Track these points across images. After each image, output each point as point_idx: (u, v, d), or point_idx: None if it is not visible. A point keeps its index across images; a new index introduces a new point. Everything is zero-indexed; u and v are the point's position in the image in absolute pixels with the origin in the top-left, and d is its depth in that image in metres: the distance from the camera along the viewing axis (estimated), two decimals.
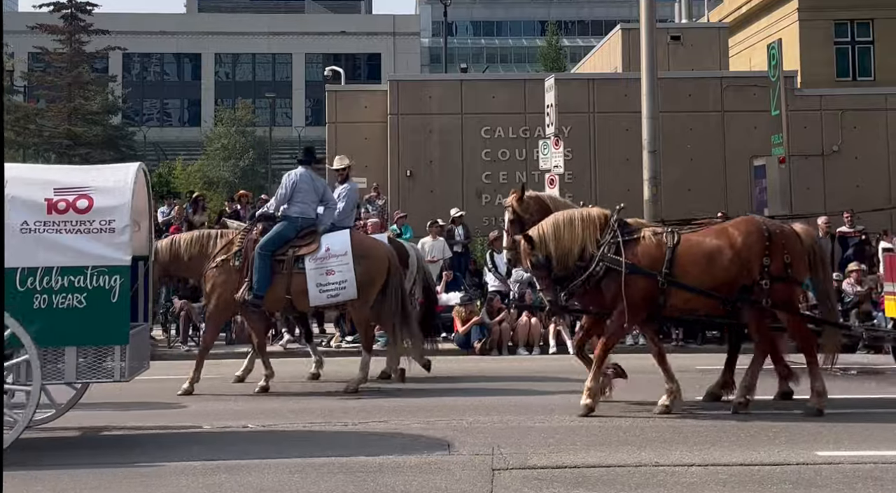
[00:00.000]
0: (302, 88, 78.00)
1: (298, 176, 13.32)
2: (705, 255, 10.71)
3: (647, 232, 10.92)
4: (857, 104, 26.50)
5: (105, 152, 56.06)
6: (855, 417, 10.40)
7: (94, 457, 8.92)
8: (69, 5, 58.12)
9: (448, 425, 10.14)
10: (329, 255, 12.71)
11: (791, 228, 11.13)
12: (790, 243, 10.81)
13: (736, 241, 10.72)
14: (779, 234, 10.81)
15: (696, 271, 10.66)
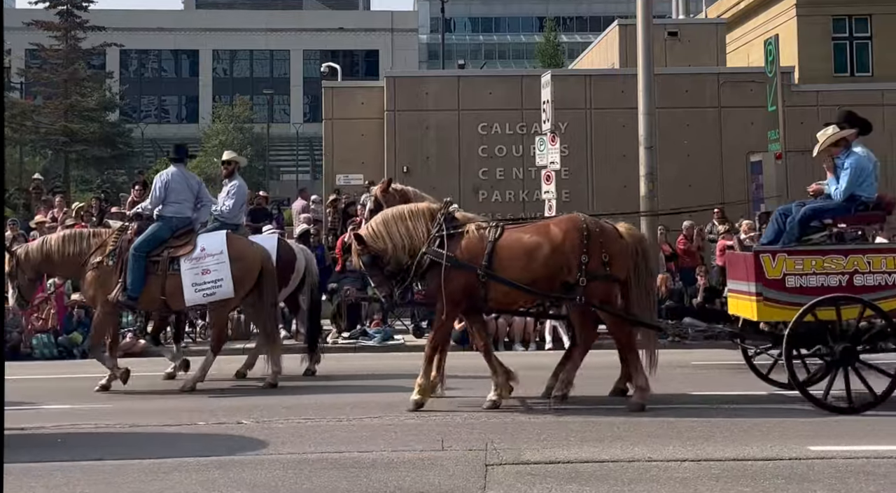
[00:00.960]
0: (300, 84, 78.00)
1: (170, 176, 13.30)
2: (525, 250, 10.89)
3: (472, 226, 11.10)
4: (855, 100, 26.36)
5: (102, 149, 56.11)
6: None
7: (85, 453, 8.91)
8: (65, 2, 58.08)
9: (442, 420, 10.15)
10: (204, 254, 12.75)
11: (612, 227, 11.23)
12: (609, 242, 10.94)
13: (555, 238, 10.89)
14: (598, 232, 10.93)
15: (516, 266, 10.85)
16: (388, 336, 18.45)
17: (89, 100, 57.44)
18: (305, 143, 67.96)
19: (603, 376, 11.70)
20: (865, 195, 11.16)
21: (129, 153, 60.05)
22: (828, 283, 10.60)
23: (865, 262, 10.63)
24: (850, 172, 11.07)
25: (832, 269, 10.62)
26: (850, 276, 10.60)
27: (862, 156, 11.34)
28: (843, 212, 11.23)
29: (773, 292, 10.67)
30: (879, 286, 10.56)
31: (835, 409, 10.28)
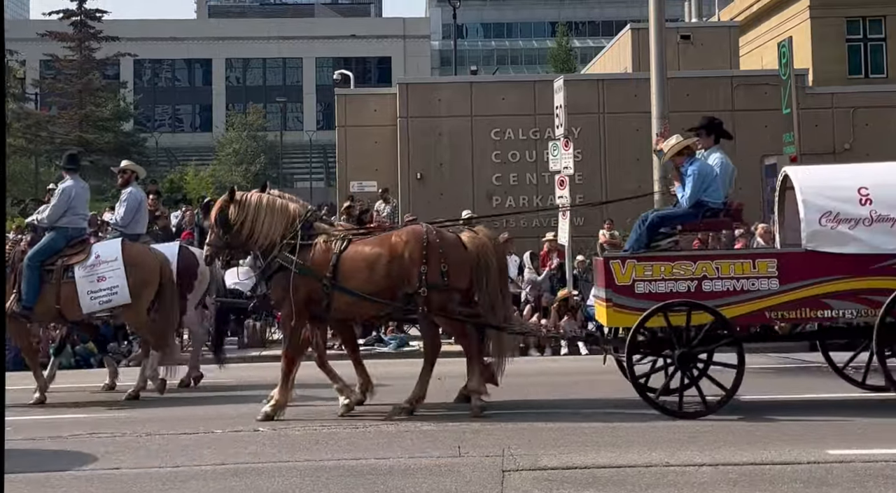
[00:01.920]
0: (313, 91, 78.18)
1: (72, 187, 13.21)
2: (367, 261, 10.95)
3: (322, 239, 11.14)
4: (870, 102, 26.40)
5: (117, 159, 56.21)
6: (867, 415, 10.34)
7: (104, 462, 8.93)
8: (79, 12, 58.36)
9: (458, 426, 10.13)
10: (99, 261, 12.69)
11: (455, 237, 11.21)
12: (450, 252, 10.93)
13: (396, 249, 10.93)
14: (438, 243, 10.92)
15: (359, 277, 10.91)
16: (404, 343, 18.46)
17: (104, 110, 57.72)
18: (319, 150, 68.12)
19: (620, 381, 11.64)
20: (712, 201, 11.18)
21: (143, 162, 60.08)
22: (676, 289, 10.58)
23: (714, 268, 10.58)
24: (693, 179, 11.11)
25: (681, 275, 10.58)
26: (699, 282, 10.56)
27: (704, 163, 11.37)
28: (691, 218, 11.29)
29: (622, 298, 10.65)
30: (727, 292, 10.52)
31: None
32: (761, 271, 10.54)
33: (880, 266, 10.38)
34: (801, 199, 10.70)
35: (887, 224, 10.42)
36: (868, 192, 10.54)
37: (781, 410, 10.83)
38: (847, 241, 10.41)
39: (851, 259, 10.42)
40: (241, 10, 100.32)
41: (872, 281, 10.38)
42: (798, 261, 10.60)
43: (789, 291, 10.50)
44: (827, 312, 10.57)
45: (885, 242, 10.40)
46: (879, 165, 11.99)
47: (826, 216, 10.51)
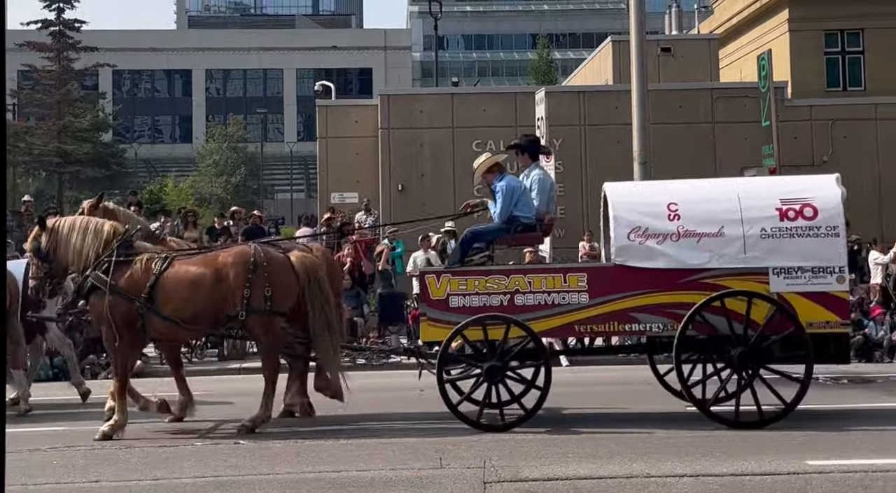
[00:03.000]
0: (293, 103, 78.06)
1: None
2: (189, 283, 10.79)
3: (142, 258, 11.00)
4: (848, 114, 26.60)
5: (96, 170, 56.04)
6: (845, 426, 10.39)
7: (83, 474, 8.88)
8: (57, 23, 58.10)
9: (439, 438, 10.11)
10: None
11: (283, 258, 11.09)
12: (276, 274, 10.80)
13: (220, 271, 10.79)
14: (265, 265, 10.78)
15: (179, 299, 10.75)
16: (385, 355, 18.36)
17: (82, 120, 57.38)
18: (300, 161, 68.03)
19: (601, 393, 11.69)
20: (523, 216, 11.25)
21: (122, 174, 60.00)
22: (490, 303, 10.63)
23: (527, 282, 10.64)
24: (502, 195, 11.23)
25: (494, 289, 10.64)
26: (512, 296, 10.62)
27: (513, 179, 11.51)
28: (503, 233, 11.37)
29: (436, 312, 10.69)
30: (539, 306, 10.60)
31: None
32: (572, 286, 10.62)
33: (685, 281, 10.50)
34: (613, 214, 10.84)
35: (694, 239, 10.53)
36: (677, 208, 10.68)
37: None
38: (654, 255, 10.52)
39: (658, 274, 10.51)
40: (222, 20, 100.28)
41: (678, 295, 10.48)
42: (607, 275, 10.70)
43: (598, 305, 10.59)
44: (634, 325, 10.66)
45: (690, 257, 10.51)
46: (691, 182, 12.20)
47: (635, 231, 10.62)
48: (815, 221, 10.50)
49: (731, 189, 11.14)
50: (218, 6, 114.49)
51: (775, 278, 10.47)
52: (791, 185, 11.23)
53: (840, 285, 10.51)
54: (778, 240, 10.48)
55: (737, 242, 10.50)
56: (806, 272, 10.46)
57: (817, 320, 10.47)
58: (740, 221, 10.55)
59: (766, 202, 10.67)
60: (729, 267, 10.48)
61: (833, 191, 10.76)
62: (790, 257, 10.45)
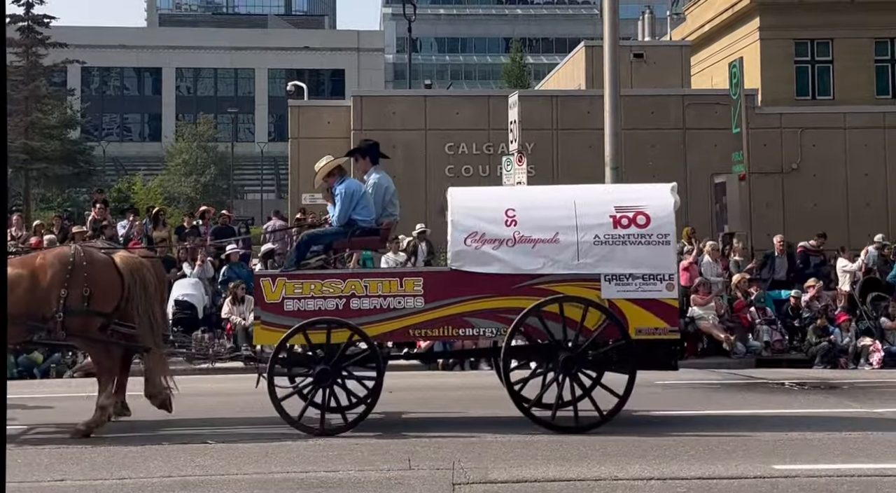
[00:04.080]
0: (265, 103, 77.89)
1: None
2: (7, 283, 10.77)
3: None
4: (817, 123, 26.83)
5: (63, 167, 55.59)
6: (811, 431, 10.45)
7: (49, 473, 8.80)
8: (26, 18, 57.60)
9: (408, 439, 10.11)
10: None
11: (106, 259, 11.01)
12: (96, 275, 10.72)
13: (37, 271, 10.71)
14: (85, 266, 10.71)
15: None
16: None
17: (50, 117, 56.85)
18: (270, 162, 67.84)
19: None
20: (361, 219, 11.29)
21: (90, 171, 59.51)
22: (325, 306, 10.63)
23: (363, 286, 10.64)
24: (341, 198, 11.26)
25: (330, 293, 10.64)
26: (347, 300, 10.64)
27: (353, 182, 11.55)
28: (341, 237, 11.37)
29: (270, 316, 10.65)
30: (374, 310, 10.62)
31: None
32: (408, 290, 10.64)
33: (519, 286, 10.56)
34: (451, 219, 10.93)
35: (529, 245, 10.60)
36: (515, 214, 10.75)
37: (729, 425, 10.92)
38: (490, 261, 10.56)
39: (493, 279, 10.56)
40: (193, 19, 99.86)
41: (511, 301, 10.53)
42: (443, 280, 10.75)
43: (433, 309, 10.60)
44: (469, 330, 10.71)
45: (525, 262, 10.57)
46: (533, 188, 12.28)
47: (472, 236, 10.68)
48: (647, 229, 10.59)
49: (569, 196, 11.20)
50: (189, 4, 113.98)
51: (607, 284, 10.55)
52: (627, 193, 11.37)
53: (669, 292, 10.60)
54: (611, 247, 10.56)
55: (570, 248, 10.57)
56: (637, 279, 10.55)
57: (646, 326, 10.56)
58: (575, 227, 10.63)
59: (601, 210, 10.75)
60: (562, 273, 10.54)
61: (666, 200, 10.87)
62: (622, 263, 10.54)
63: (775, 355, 19.26)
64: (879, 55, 32.66)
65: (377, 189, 11.61)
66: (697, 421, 11.11)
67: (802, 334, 19.50)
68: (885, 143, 26.38)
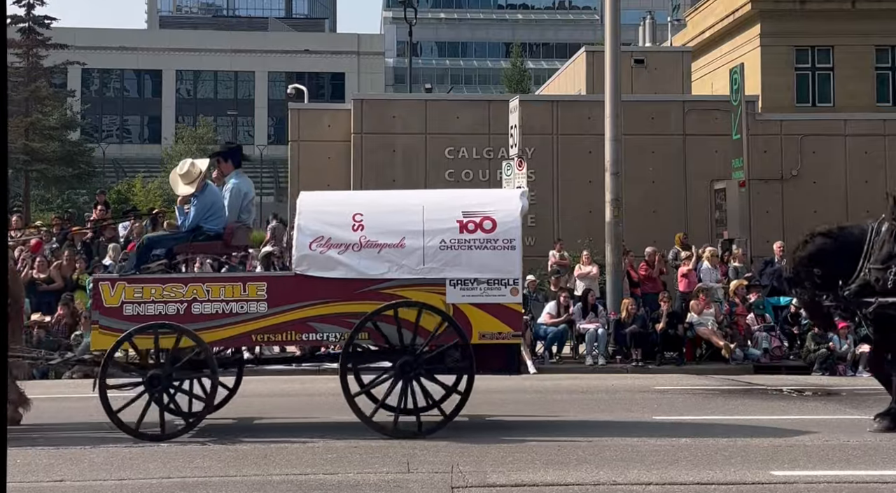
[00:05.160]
0: (265, 106, 77.90)
1: None
2: None
3: None
4: (817, 130, 26.83)
5: (63, 168, 55.61)
6: (810, 437, 10.45)
7: (47, 473, 8.80)
8: (26, 19, 57.64)
9: (407, 443, 10.09)
10: None
11: None
12: None
13: None
14: None
15: None
16: None
17: (50, 119, 56.87)
18: (269, 165, 67.85)
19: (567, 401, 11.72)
20: (208, 226, 11.23)
21: (90, 173, 59.53)
22: (166, 311, 10.55)
23: (205, 291, 10.54)
24: (196, 207, 11.23)
25: (171, 297, 10.56)
26: (189, 304, 10.56)
27: (213, 189, 11.50)
28: (183, 241, 11.35)
29: (109, 320, 10.56)
30: (216, 315, 10.55)
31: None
32: (251, 295, 10.57)
33: (364, 291, 10.56)
34: (297, 223, 10.89)
35: (375, 250, 10.60)
36: (362, 218, 10.75)
37: (727, 431, 10.92)
38: (334, 265, 10.54)
39: (338, 283, 10.52)
40: (193, 21, 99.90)
41: (356, 305, 10.51)
42: (287, 285, 10.71)
43: (277, 314, 10.54)
44: (312, 335, 10.71)
45: (370, 267, 10.57)
46: (384, 193, 12.29)
47: (317, 241, 10.63)
48: (493, 233, 10.62)
49: (419, 201, 11.23)
50: (189, 7, 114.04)
51: (452, 289, 10.56)
52: (476, 198, 11.40)
53: (514, 296, 10.62)
54: (456, 252, 10.59)
55: (416, 253, 10.58)
56: (482, 284, 10.57)
57: (490, 331, 10.58)
58: (422, 232, 10.64)
59: (448, 214, 10.77)
60: (407, 278, 10.55)
61: (514, 205, 10.93)
62: (467, 268, 10.56)
63: (774, 362, 19.28)
64: (880, 63, 32.72)
65: (235, 194, 11.51)
66: (696, 427, 11.11)
67: (801, 340, 19.52)
68: (885, 150, 26.38)
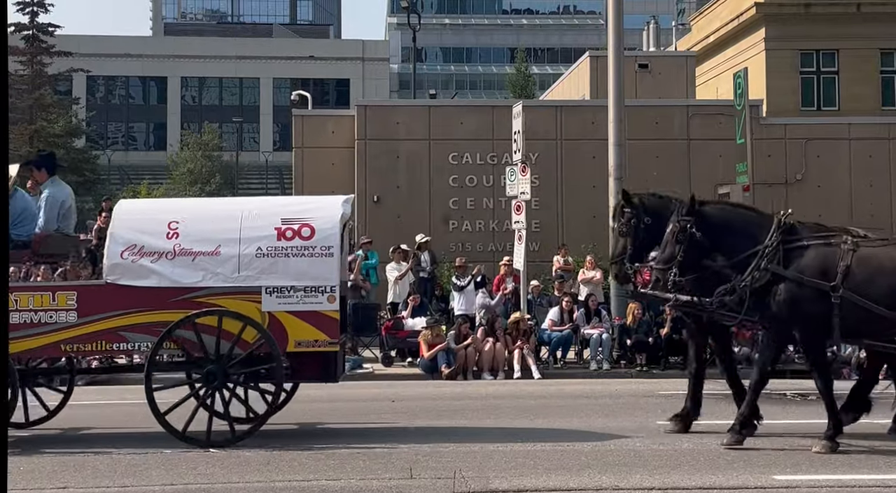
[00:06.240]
0: (270, 112, 77.95)
1: None
2: None
3: None
4: (821, 133, 26.77)
5: (68, 176, 55.63)
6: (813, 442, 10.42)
7: (50, 480, 8.81)
8: (30, 26, 57.77)
9: (410, 448, 10.10)
10: None
11: None
12: None
13: None
14: None
15: None
16: (357, 365, 18.38)
17: (55, 126, 56.97)
18: (275, 171, 67.91)
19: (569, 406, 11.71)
20: (16, 235, 11.05)
21: (95, 180, 59.66)
22: None
23: (13, 300, 10.30)
24: None
25: None
26: None
27: (22, 197, 11.40)
28: None
29: None
30: (24, 325, 10.40)
31: None
32: (61, 304, 10.47)
33: (178, 299, 10.50)
34: (110, 232, 10.83)
35: (189, 258, 10.55)
36: (178, 226, 10.69)
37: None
38: (147, 274, 10.45)
39: (152, 292, 10.43)
40: (198, 28, 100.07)
41: (169, 314, 10.45)
42: (98, 294, 10.62)
43: (87, 323, 10.46)
44: (123, 345, 10.67)
45: (183, 275, 10.51)
46: (204, 200, 12.12)
47: (130, 249, 10.56)
48: (311, 241, 10.62)
49: (238, 209, 11.23)
50: (194, 14, 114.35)
51: (268, 297, 10.54)
52: (297, 205, 11.41)
53: (330, 304, 10.60)
54: (273, 259, 10.57)
55: (232, 260, 10.55)
56: (298, 291, 10.56)
57: (307, 338, 10.57)
58: (238, 240, 10.61)
59: (267, 222, 10.76)
60: (222, 286, 10.51)
61: (334, 212, 10.92)
62: (283, 276, 10.54)
63: (778, 366, 19.20)
64: (885, 66, 32.67)
65: (51, 203, 11.45)
66: (699, 431, 11.09)
67: None
68: (889, 154, 26.32)
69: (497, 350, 18.03)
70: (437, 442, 10.47)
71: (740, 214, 10.92)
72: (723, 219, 10.63)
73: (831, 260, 10.21)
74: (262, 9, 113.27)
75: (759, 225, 10.59)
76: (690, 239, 10.29)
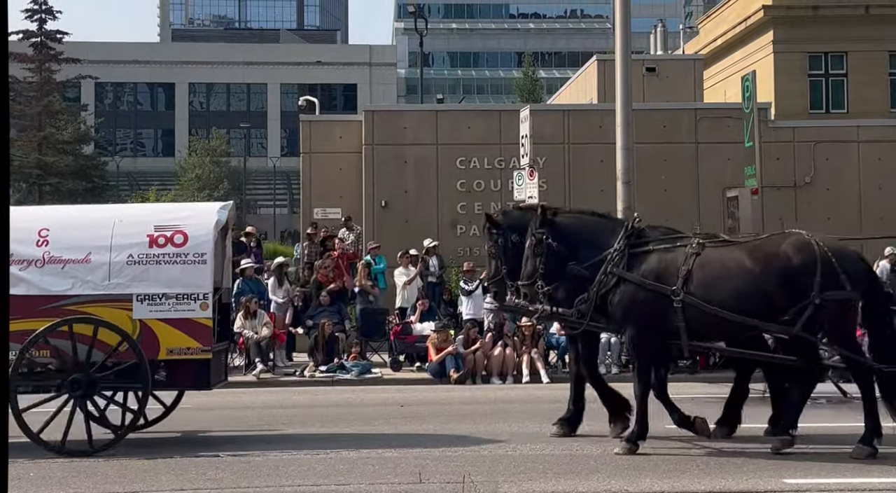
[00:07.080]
0: (277, 118, 78.04)
1: None
2: None
3: None
4: (830, 136, 26.70)
5: (77, 182, 55.83)
6: (822, 446, 10.41)
7: (62, 486, 8.81)
8: (39, 33, 57.91)
9: (419, 453, 10.10)
10: None
11: None
12: None
13: None
14: None
15: None
16: (366, 369, 18.38)
17: (63, 133, 57.11)
18: (283, 177, 67.96)
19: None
20: None
21: (104, 187, 59.79)
22: None
23: None
24: None
25: None
26: None
27: None
28: None
29: None
30: None
31: None
32: None
33: (48, 308, 10.45)
34: None
35: (59, 266, 10.51)
36: (48, 233, 10.63)
37: (740, 439, 10.88)
38: (16, 282, 10.28)
39: (20, 300, 10.21)
40: (205, 34, 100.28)
41: (38, 323, 10.40)
42: None
43: None
44: None
45: (53, 283, 10.48)
46: (76, 207, 12.06)
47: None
48: (183, 248, 10.61)
49: (111, 216, 11.20)
50: (202, 20, 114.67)
51: (139, 304, 10.53)
52: (171, 213, 11.42)
53: (203, 311, 10.57)
54: (144, 267, 10.56)
55: (102, 268, 10.53)
56: (170, 299, 10.54)
57: (179, 346, 10.54)
58: (109, 247, 10.58)
59: (139, 229, 10.75)
60: (92, 294, 10.47)
61: (208, 219, 10.90)
62: (155, 283, 10.53)
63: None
64: (894, 68, 32.55)
65: None
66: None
67: None
68: None
69: (506, 355, 18.01)
70: (446, 447, 10.47)
71: (592, 222, 11.10)
72: (575, 227, 10.86)
73: (672, 264, 10.30)
74: (269, 14, 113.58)
75: (611, 231, 10.77)
76: (548, 250, 10.51)
